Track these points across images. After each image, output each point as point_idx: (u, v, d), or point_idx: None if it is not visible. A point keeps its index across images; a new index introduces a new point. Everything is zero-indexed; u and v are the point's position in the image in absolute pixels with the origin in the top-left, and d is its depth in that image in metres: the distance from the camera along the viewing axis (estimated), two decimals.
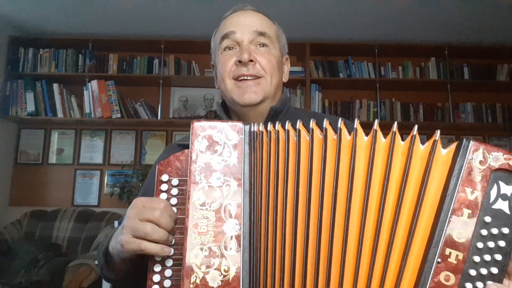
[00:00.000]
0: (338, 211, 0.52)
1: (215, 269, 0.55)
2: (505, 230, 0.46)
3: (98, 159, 3.35)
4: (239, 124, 0.61)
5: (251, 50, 0.81)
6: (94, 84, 3.16)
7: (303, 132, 0.56)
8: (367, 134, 0.53)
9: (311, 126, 0.55)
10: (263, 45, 0.83)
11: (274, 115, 0.83)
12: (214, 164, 0.59)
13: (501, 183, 0.47)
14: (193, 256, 0.55)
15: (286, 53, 0.94)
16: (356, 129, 0.52)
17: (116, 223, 0.59)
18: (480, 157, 0.48)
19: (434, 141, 0.50)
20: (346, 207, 0.52)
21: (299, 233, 0.54)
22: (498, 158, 0.48)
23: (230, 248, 0.56)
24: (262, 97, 0.81)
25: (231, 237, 0.57)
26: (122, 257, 0.61)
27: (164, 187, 0.62)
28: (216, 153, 0.59)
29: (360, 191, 0.52)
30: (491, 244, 0.46)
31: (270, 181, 0.58)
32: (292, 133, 0.57)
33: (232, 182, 0.59)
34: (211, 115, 3.24)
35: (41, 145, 3.35)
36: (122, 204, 3.05)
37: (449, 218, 0.47)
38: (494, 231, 0.46)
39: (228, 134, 0.60)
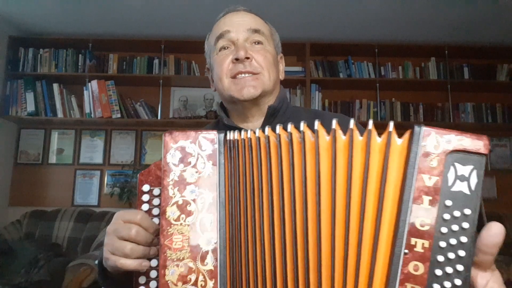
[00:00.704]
0: (311, 216, 0.52)
1: (192, 285, 0.55)
2: (467, 211, 0.46)
3: (98, 159, 3.35)
4: (213, 133, 0.59)
5: (246, 48, 0.81)
6: (94, 84, 3.17)
7: (284, 136, 0.55)
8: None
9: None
10: (258, 42, 0.84)
11: (272, 114, 0.83)
12: (187, 176, 0.57)
13: (457, 164, 0.47)
14: (169, 274, 0.55)
15: (280, 52, 0.95)
16: (318, 131, 0.52)
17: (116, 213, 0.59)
18: (434, 141, 0.48)
19: (389, 132, 0.50)
20: (316, 211, 0.51)
21: (277, 243, 0.53)
22: (450, 140, 0.47)
23: (207, 263, 0.55)
24: (261, 91, 0.81)
25: (207, 252, 0.56)
26: (111, 269, 0.62)
27: (145, 197, 0.61)
28: (190, 165, 0.57)
29: (327, 194, 0.51)
30: (455, 227, 0.46)
31: (246, 191, 0.57)
32: (272, 138, 0.55)
33: (207, 195, 0.57)
34: (211, 115, 3.24)
35: (41, 145, 3.35)
36: (122, 204, 3.05)
37: (410, 208, 0.47)
38: (457, 213, 0.46)
39: (201, 144, 0.58)
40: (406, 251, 0.47)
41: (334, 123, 0.52)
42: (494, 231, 0.44)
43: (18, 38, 3.25)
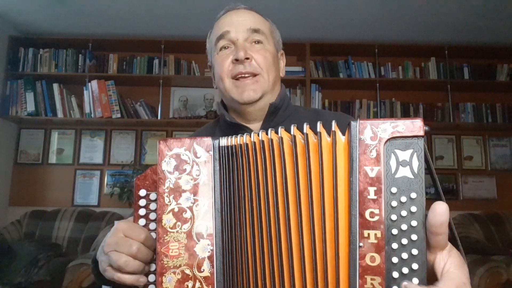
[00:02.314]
0: (293, 219, 0.53)
1: None
2: (413, 195, 0.47)
3: (98, 159, 3.35)
4: (208, 140, 0.59)
5: (246, 48, 0.82)
6: (94, 84, 3.17)
7: (276, 140, 0.55)
8: None
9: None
10: (258, 42, 0.84)
11: (274, 111, 0.84)
12: (183, 184, 0.57)
13: (397, 151, 0.48)
14: (166, 281, 0.55)
15: (281, 48, 0.95)
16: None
17: (116, 223, 0.59)
18: (370, 133, 0.48)
19: (333, 131, 0.51)
20: (297, 212, 0.52)
21: (275, 248, 0.53)
22: (386, 129, 0.48)
23: (203, 270, 0.56)
24: (260, 94, 0.82)
25: (204, 259, 0.56)
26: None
27: (142, 202, 0.61)
28: (185, 173, 0.58)
29: (292, 195, 0.53)
30: (404, 213, 0.46)
31: (243, 197, 0.57)
32: (275, 141, 0.56)
33: (202, 202, 0.57)
34: (211, 115, 3.24)
35: (41, 145, 3.35)
36: (122, 204, 3.05)
37: (358, 201, 0.48)
38: (403, 199, 0.47)
39: (196, 151, 0.58)
40: (361, 244, 0.47)
41: (293, 128, 0.53)
42: (439, 211, 0.45)
43: (18, 38, 3.25)
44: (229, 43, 0.84)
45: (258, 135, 0.56)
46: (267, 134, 0.55)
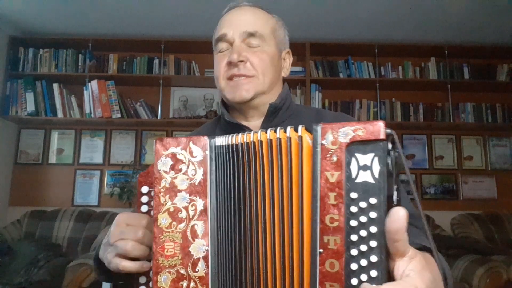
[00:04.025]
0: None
1: None
2: (373, 200, 0.45)
3: (98, 159, 3.35)
4: (204, 139, 0.59)
5: (242, 50, 0.81)
6: (94, 84, 3.17)
7: (265, 141, 0.56)
8: None
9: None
10: (254, 46, 0.83)
11: (273, 112, 0.83)
12: (178, 183, 0.57)
13: (358, 155, 0.46)
14: (161, 280, 0.56)
15: (287, 46, 0.93)
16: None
17: (116, 217, 0.60)
18: (331, 138, 0.48)
19: (299, 137, 0.50)
20: (270, 216, 0.53)
21: (261, 248, 0.54)
22: (347, 133, 0.47)
23: (198, 270, 0.56)
24: (253, 94, 0.81)
25: (199, 259, 0.56)
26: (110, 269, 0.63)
27: (144, 199, 0.62)
28: (181, 172, 0.58)
29: (268, 199, 0.53)
30: (363, 219, 0.45)
31: (239, 197, 0.57)
32: (264, 142, 0.56)
33: (198, 202, 0.57)
34: (211, 115, 3.24)
35: (41, 145, 3.35)
36: (122, 204, 3.05)
37: (319, 207, 0.47)
38: (363, 204, 0.45)
39: (192, 151, 0.58)
40: (321, 250, 0.47)
41: (269, 131, 0.54)
42: (395, 217, 0.43)
43: (18, 38, 3.25)
44: (227, 45, 0.84)
45: (257, 134, 0.57)
46: (265, 133, 0.55)
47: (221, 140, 0.59)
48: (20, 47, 3.26)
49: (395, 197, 0.47)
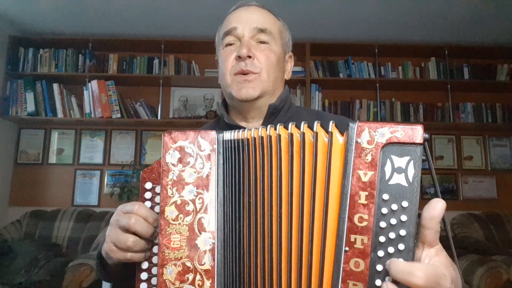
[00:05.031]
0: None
1: (189, 284, 0.55)
2: (405, 204, 0.45)
3: (98, 159, 3.35)
4: (212, 134, 0.59)
5: (250, 46, 0.81)
6: (94, 84, 3.16)
7: (284, 136, 0.56)
8: None
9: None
10: (263, 42, 0.84)
11: (273, 113, 0.83)
12: (186, 176, 0.58)
13: (393, 157, 0.46)
14: (167, 273, 0.55)
15: (290, 50, 0.94)
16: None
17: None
18: (367, 136, 0.47)
19: (330, 133, 0.50)
20: (288, 210, 0.53)
21: (274, 243, 0.54)
22: (384, 133, 0.47)
23: (204, 263, 0.56)
24: (259, 93, 0.81)
25: (205, 251, 0.56)
26: (112, 262, 0.63)
27: (147, 195, 0.62)
28: (188, 165, 0.58)
29: (285, 193, 0.53)
30: (393, 221, 0.45)
31: (245, 191, 0.57)
32: (272, 137, 0.56)
33: (205, 195, 0.57)
34: (211, 115, 3.24)
35: (41, 145, 3.35)
36: (122, 204, 3.04)
37: (348, 205, 0.47)
38: (394, 207, 0.45)
39: (200, 144, 0.58)
40: (347, 248, 0.47)
41: (291, 126, 0.53)
42: (433, 205, 0.44)
43: (18, 38, 3.25)
44: (235, 40, 0.84)
45: (266, 129, 0.57)
46: (274, 129, 0.56)
47: (230, 135, 0.59)
48: (20, 47, 3.26)
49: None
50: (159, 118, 3.28)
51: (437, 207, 0.44)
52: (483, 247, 2.68)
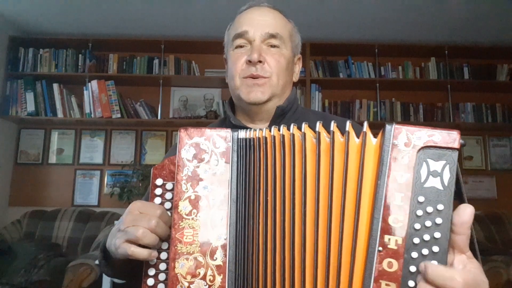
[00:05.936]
0: (309, 216, 0.53)
1: (201, 278, 0.56)
2: (440, 207, 0.46)
3: (98, 159, 3.35)
4: (227, 132, 0.60)
5: (261, 50, 0.81)
6: (94, 84, 3.17)
7: (298, 135, 0.56)
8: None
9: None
10: (274, 46, 0.83)
11: (280, 114, 0.84)
12: (201, 172, 0.59)
13: (429, 160, 0.47)
14: (179, 266, 0.56)
15: (299, 52, 0.94)
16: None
17: (116, 223, 0.60)
18: (404, 139, 0.48)
19: (364, 133, 0.51)
20: (314, 209, 0.53)
21: (287, 241, 0.54)
22: (421, 136, 0.47)
23: (216, 258, 0.56)
24: (268, 97, 0.81)
25: (217, 247, 0.57)
26: (117, 257, 0.62)
27: (158, 191, 0.62)
28: (203, 162, 0.59)
29: (323, 194, 0.53)
30: (428, 223, 0.46)
31: (259, 189, 0.58)
32: (286, 137, 0.56)
33: (218, 191, 0.58)
34: (211, 115, 3.23)
35: (41, 145, 3.35)
36: (122, 204, 3.05)
37: (383, 205, 0.48)
38: (429, 209, 0.46)
39: (215, 142, 0.60)
40: (380, 248, 0.47)
41: (318, 125, 0.54)
42: (461, 210, 0.45)
43: (18, 38, 3.25)
44: (246, 43, 0.84)
45: (279, 129, 0.57)
46: (288, 129, 0.56)
47: (244, 133, 0.60)
48: (20, 47, 3.26)
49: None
50: (159, 118, 3.28)
51: (466, 212, 0.45)
52: (483, 247, 2.68)
